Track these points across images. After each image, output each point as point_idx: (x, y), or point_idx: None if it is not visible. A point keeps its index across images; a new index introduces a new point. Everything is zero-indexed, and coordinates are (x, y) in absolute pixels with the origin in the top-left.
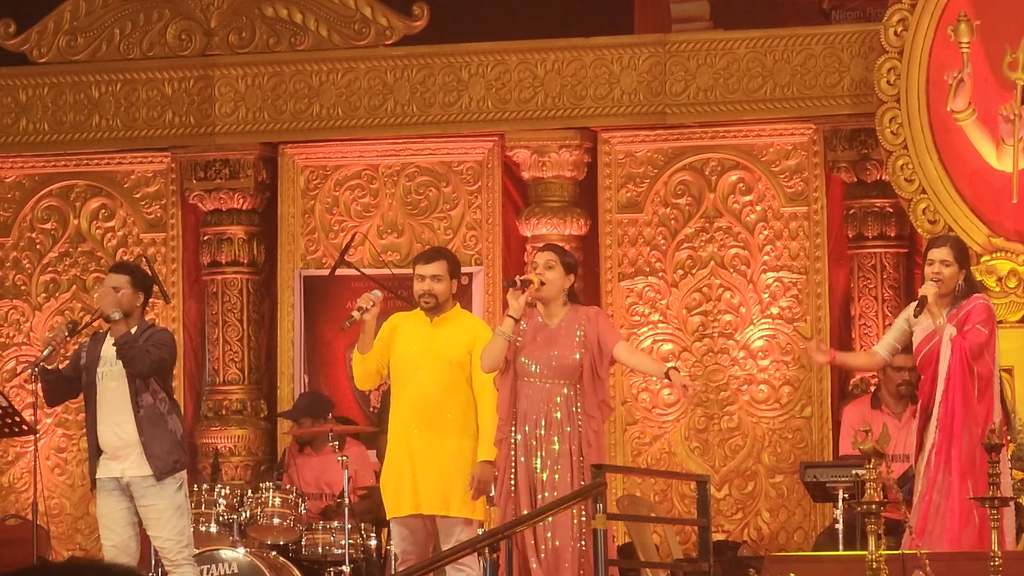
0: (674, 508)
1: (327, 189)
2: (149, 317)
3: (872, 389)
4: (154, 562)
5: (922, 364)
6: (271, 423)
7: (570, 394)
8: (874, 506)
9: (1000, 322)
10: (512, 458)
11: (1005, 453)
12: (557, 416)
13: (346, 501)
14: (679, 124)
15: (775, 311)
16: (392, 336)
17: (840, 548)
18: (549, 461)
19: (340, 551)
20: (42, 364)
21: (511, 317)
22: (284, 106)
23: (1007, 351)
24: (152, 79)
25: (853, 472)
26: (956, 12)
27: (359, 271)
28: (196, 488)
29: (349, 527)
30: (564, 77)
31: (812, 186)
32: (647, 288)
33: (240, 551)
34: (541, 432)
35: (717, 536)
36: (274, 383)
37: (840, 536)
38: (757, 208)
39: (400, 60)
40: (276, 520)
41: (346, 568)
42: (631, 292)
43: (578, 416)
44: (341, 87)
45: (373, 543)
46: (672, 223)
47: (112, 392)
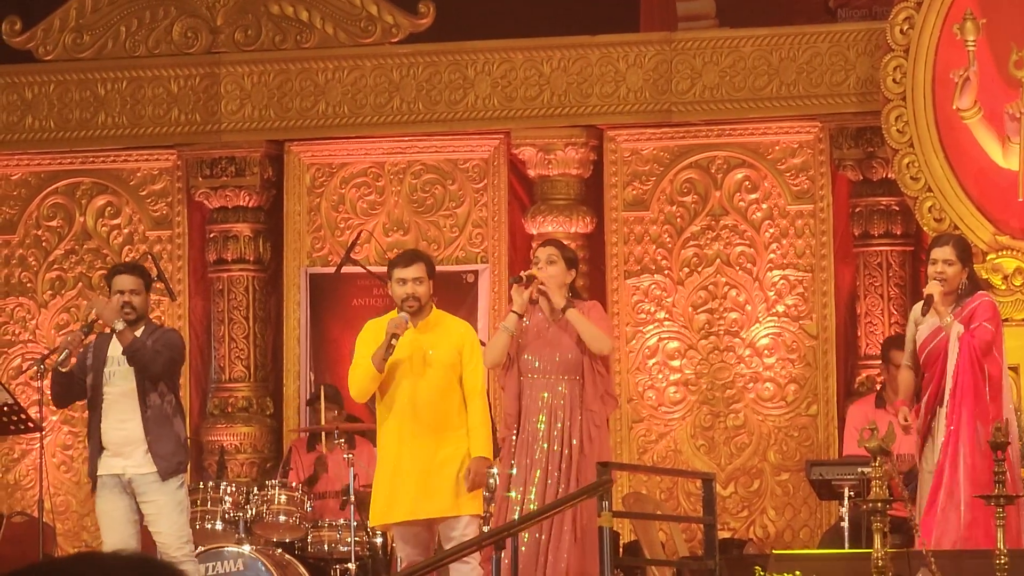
0: (680, 506)
1: (333, 187)
2: (155, 314)
3: (877, 388)
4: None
5: (926, 362)
6: (277, 421)
7: (572, 389)
8: (880, 504)
9: (1006, 320)
10: (514, 454)
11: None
12: (560, 411)
13: (352, 498)
14: (685, 122)
15: (781, 309)
16: (373, 348)
17: (846, 546)
18: (551, 455)
19: (346, 548)
20: (57, 367)
21: (515, 312)
22: (290, 104)
23: (1013, 349)
24: (158, 77)
25: (859, 470)
26: (962, 10)
27: (365, 269)
28: (202, 485)
29: (355, 525)
30: (570, 75)
31: (818, 184)
32: (653, 286)
33: (246, 548)
34: (542, 427)
35: (723, 534)
36: (280, 381)
37: (846, 534)
38: (763, 206)
39: (406, 58)
40: (282, 517)
41: (352, 566)
42: (637, 290)
43: (580, 410)
44: (347, 85)
45: (379, 541)
46: (678, 221)
47: (120, 392)
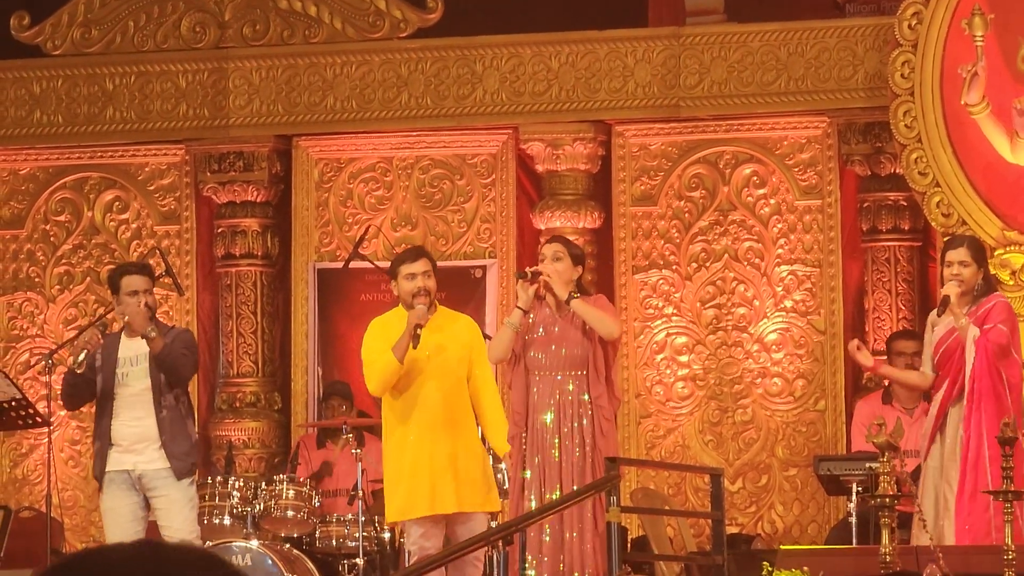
0: (688, 501)
1: (341, 182)
2: (162, 309)
3: (885, 384)
4: None
5: (940, 360)
6: (285, 416)
7: (580, 384)
8: (888, 499)
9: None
10: (524, 453)
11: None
12: (568, 408)
13: (360, 494)
14: (693, 117)
15: (789, 304)
16: (388, 343)
17: (854, 541)
18: (562, 450)
19: (354, 544)
20: (74, 368)
21: (520, 308)
22: (298, 99)
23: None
24: (166, 71)
25: (867, 465)
26: (970, 6)
27: (373, 264)
28: (210, 481)
29: (363, 520)
30: (578, 70)
31: (826, 179)
32: (661, 281)
33: (254, 543)
34: (549, 424)
35: (731, 529)
36: (288, 376)
37: (854, 529)
38: (771, 201)
39: (414, 53)
40: (290, 513)
41: (360, 560)
42: (645, 285)
43: (588, 405)
44: (355, 80)
45: (387, 536)
46: (686, 216)
47: (134, 392)
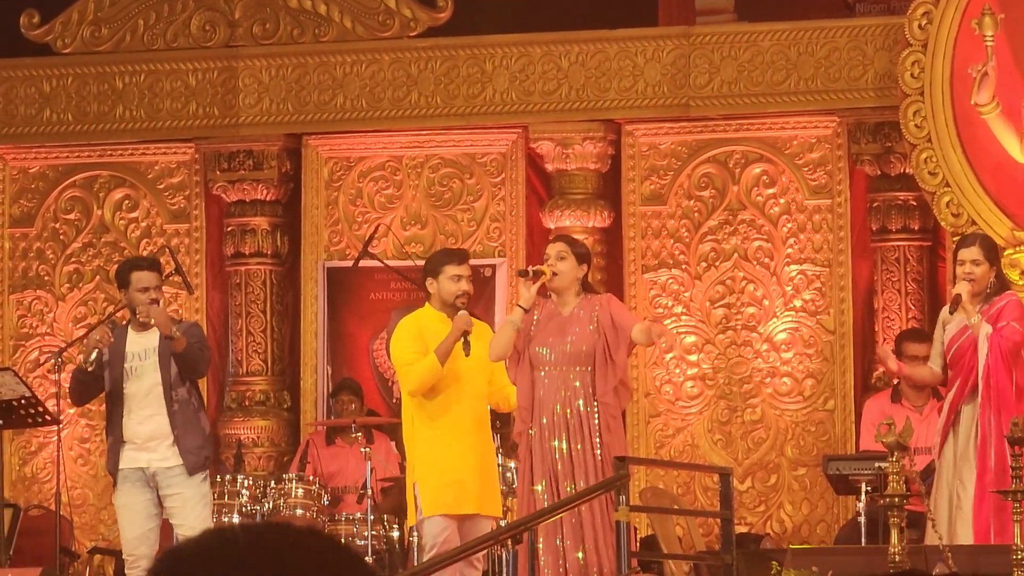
0: (697, 500)
1: (351, 180)
2: (172, 308)
3: (894, 383)
4: None
5: (953, 360)
6: (294, 414)
7: (585, 381)
8: (897, 499)
9: None
10: (530, 451)
11: None
12: (575, 402)
13: (369, 492)
14: (703, 116)
15: (798, 304)
16: (423, 344)
17: (863, 541)
18: (567, 447)
19: (363, 542)
20: (85, 366)
21: (521, 307)
22: (308, 97)
23: None
24: (176, 70)
25: (876, 465)
26: (980, 5)
27: (382, 263)
28: (219, 479)
29: (372, 518)
30: (588, 69)
31: (836, 179)
32: (670, 280)
33: None
34: (557, 419)
35: (740, 528)
36: (297, 374)
37: (863, 529)
38: (781, 201)
39: (424, 52)
40: (299, 511)
41: (369, 559)
42: (654, 284)
43: (594, 401)
44: (365, 79)
45: (396, 535)
46: (696, 215)
47: (145, 387)
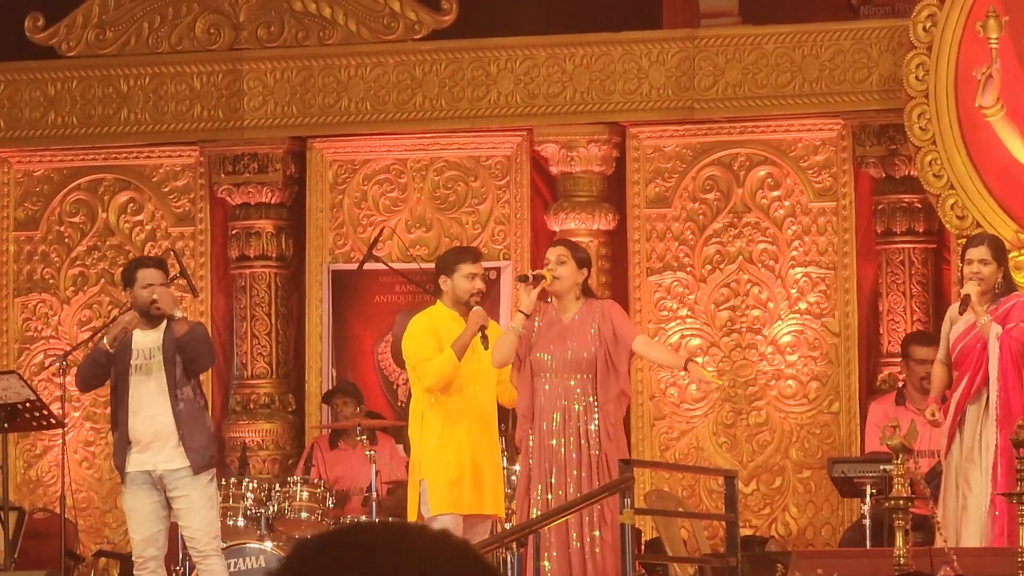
0: (702, 503)
1: (355, 183)
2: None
3: (899, 385)
4: (181, 555)
5: (959, 359)
6: (299, 417)
7: (586, 388)
8: (901, 501)
9: None
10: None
11: None
12: (575, 409)
13: (374, 495)
14: (708, 119)
15: (803, 306)
16: (438, 341)
17: (867, 544)
18: (564, 451)
19: None
20: (110, 345)
21: (522, 312)
22: (313, 100)
23: None
24: (181, 73)
25: (881, 467)
26: (985, 8)
27: (387, 265)
28: (224, 482)
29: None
30: (593, 72)
31: (840, 181)
32: (675, 283)
33: (267, 545)
34: (556, 426)
35: (745, 531)
36: (302, 377)
37: (867, 531)
38: (785, 203)
39: (429, 55)
40: (304, 514)
41: None
42: (659, 287)
43: (595, 409)
44: (370, 81)
45: None
46: (700, 218)
47: (149, 385)
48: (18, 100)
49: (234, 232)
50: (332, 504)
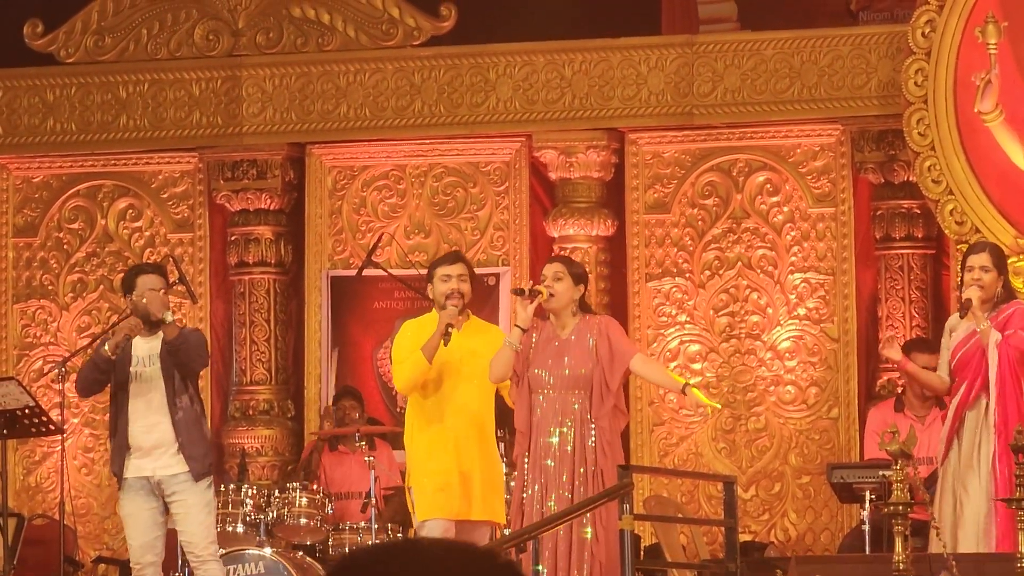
0: (701, 509)
1: (354, 189)
2: (176, 316)
3: (899, 391)
4: (181, 561)
5: (958, 366)
6: (298, 423)
7: (583, 404)
8: (901, 507)
9: None
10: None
11: None
12: (573, 425)
13: (373, 501)
14: (706, 125)
15: (802, 312)
16: (420, 343)
17: (867, 549)
18: (563, 470)
19: None
20: (112, 352)
21: (519, 328)
22: (311, 106)
23: None
24: (180, 79)
25: (880, 473)
26: (984, 13)
27: (386, 271)
28: (223, 488)
29: (376, 527)
30: (592, 78)
31: (839, 187)
32: (674, 289)
33: (267, 551)
34: (554, 443)
35: (744, 537)
36: (301, 383)
37: (867, 537)
38: (784, 209)
39: (427, 61)
40: (303, 520)
41: None
42: (658, 293)
43: (591, 425)
44: (368, 88)
45: None
46: (699, 224)
47: (148, 392)
48: (17, 106)
49: (233, 238)
50: (331, 510)
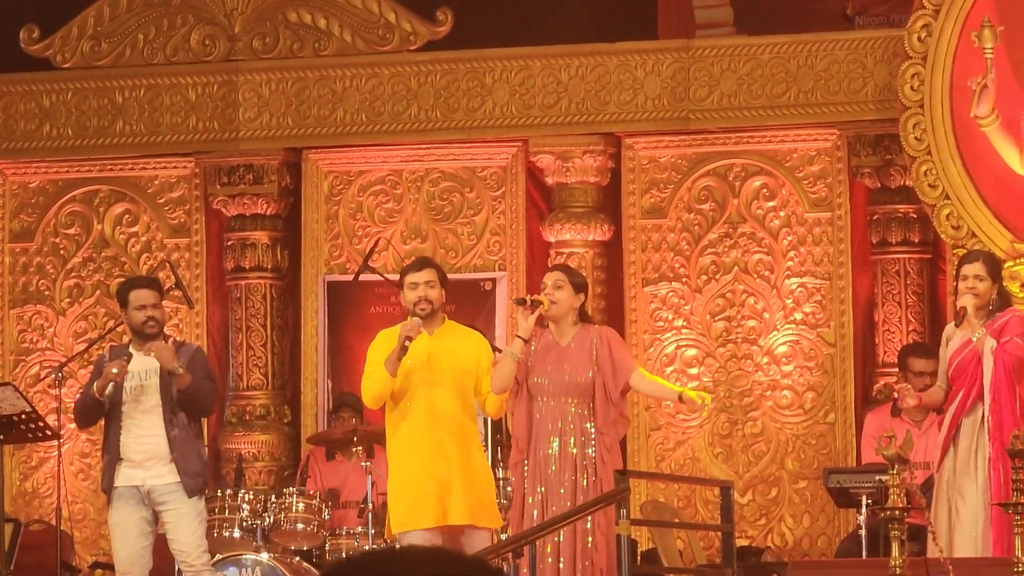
0: (698, 514)
1: (351, 194)
2: (172, 323)
3: (895, 396)
4: (177, 569)
5: (955, 374)
6: (295, 428)
7: (582, 412)
8: (897, 512)
9: None
10: (526, 482)
11: None
12: (573, 432)
13: (370, 507)
14: (703, 130)
15: (799, 317)
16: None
17: (863, 554)
18: (562, 478)
19: None
20: (104, 399)
21: (520, 338)
22: (308, 111)
23: None
24: (176, 84)
25: (877, 478)
26: (980, 18)
27: (383, 277)
28: (220, 493)
29: (373, 532)
30: (588, 82)
31: (836, 191)
32: (671, 294)
33: (263, 556)
34: (553, 452)
35: (741, 542)
36: (298, 389)
37: (863, 542)
38: (781, 214)
39: (424, 65)
40: (300, 525)
41: None
42: (655, 297)
43: (591, 433)
44: (365, 92)
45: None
46: (696, 229)
47: (144, 408)
48: (13, 112)
49: (229, 243)
50: (328, 516)
